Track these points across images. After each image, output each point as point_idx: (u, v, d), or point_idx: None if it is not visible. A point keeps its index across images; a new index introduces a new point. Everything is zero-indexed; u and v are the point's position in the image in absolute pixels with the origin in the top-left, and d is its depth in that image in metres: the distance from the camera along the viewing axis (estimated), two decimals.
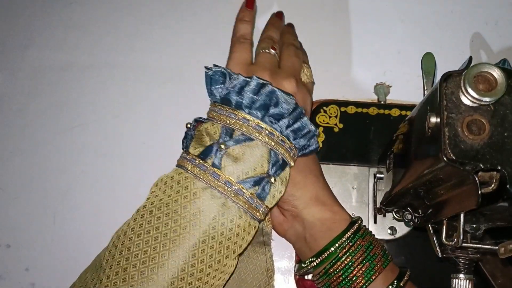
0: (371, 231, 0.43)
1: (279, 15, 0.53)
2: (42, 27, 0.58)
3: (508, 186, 0.28)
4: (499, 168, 0.28)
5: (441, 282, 0.41)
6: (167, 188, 0.37)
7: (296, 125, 0.39)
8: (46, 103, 0.56)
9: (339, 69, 0.57)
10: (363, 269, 0.39)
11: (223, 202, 0.36)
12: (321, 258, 0.40)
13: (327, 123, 0.52)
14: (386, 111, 0.52)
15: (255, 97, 0.38)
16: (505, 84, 0.29)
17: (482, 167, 0.28)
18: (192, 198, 0.36)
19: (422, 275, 0.47)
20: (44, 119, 0.55)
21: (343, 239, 0.40)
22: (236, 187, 0.36)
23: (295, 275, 0.49)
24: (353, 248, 0.40)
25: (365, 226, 0.43)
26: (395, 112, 0.52)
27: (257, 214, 0.37)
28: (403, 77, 0.56)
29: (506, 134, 0.29)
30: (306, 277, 0.48)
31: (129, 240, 0.36)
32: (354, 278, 0.39)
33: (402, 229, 0.49)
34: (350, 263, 0.39)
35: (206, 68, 0.40)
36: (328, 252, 0.40)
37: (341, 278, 0.40)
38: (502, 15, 0.59)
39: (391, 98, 0.54)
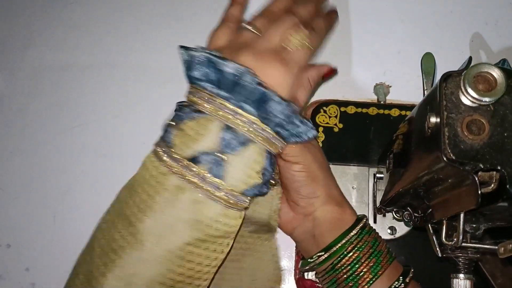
0: (374, 229, 0.43)
1: None
2: (42, 27, 0.59)
3: (507, 186, 0.28)
4: (498, 168, 0.28)
5: (441, 282, 0.41)
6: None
7: (256, 96, 0.35)
8: (46, 103, 0.56)
9: (339, 69, 0.56)
10: (370, 264, 0.40)
11: (179, 184, 0.35)
12: (329, 252, 0.40)
13: (327, 123, 0.52)
14: (386, 111, 0.52)
15: (206, 70, 0.36)
16: (504, 84, 0.29)
17: (482, 167, 0.28)
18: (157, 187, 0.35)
19: (422, 275, 0.47)
20: (44, 119, 0.55)
21: (351, 233, 0.40)
22: (185, 163, 0.35)
23: (295, 275, 0.49)
24: (361, 243, 0.40)
25: (368, 223, 0.43)
26: (395, 112, 0.52)
27: (217, 196, 0.35)
28: (403, 77, 0.56)
29: (506, 134, 0.29)
30: (306, 276, 0.48)
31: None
32: (362, 273, 0.39)
33: (402, 229, 0.49)
34: (357, 258, 0.40)
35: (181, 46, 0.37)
36: (336, 247, 0.40)
37: (348, 273, 0.40)
38: (502, 15, 0.59)
39: (391, 98, 0.54)
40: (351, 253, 0.40)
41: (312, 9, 0.43)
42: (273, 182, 0.41)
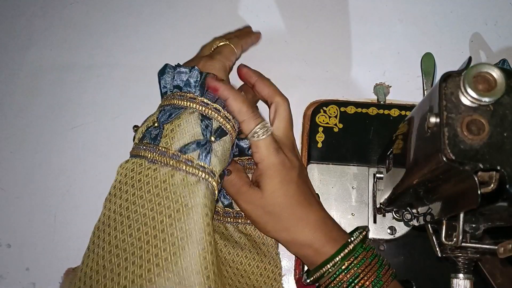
0: (372, 252, 0.42)
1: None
2: (42, 27, 0.59)
3: (507, 186, 0.28)
4: (498, 168, 0.28)
5: (441, 282, 0.41)
6: (120, 178, 0.40)
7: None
8: (46, 103, 0.56)
9: (339, 69, 0.57)
10: None
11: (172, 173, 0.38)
12: (311, 279, 0.42)
13: (327, 123, 0.52)
14: (386, 111, 0.52)
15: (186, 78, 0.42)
16: (504, 84, 0.29)
17: (482, 167, 0.28)
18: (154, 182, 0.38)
19: (422, 275, 0.47)
20: (44, 119, 0.55)
21: (320, 272, 0.41)
22: (179, 155, 0.39)
23: (295, 275, 0.49)
24: (333, 284, 0.41)
25: (369, 246, 0.43)
26: (394, 112, 0.52)
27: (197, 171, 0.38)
28: (403, 77, 0.56)
29: (505, 134, 0.29)
30: None
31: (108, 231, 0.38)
32: None
33: (401, 229, 0.49)
34: None
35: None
36: (314, 277, 0.42)
37: None
38: (501, 15, 0.59)
39: (391, 98, 0.55)
40: None
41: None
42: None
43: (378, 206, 0.48)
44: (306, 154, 0.52)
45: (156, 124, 0.41)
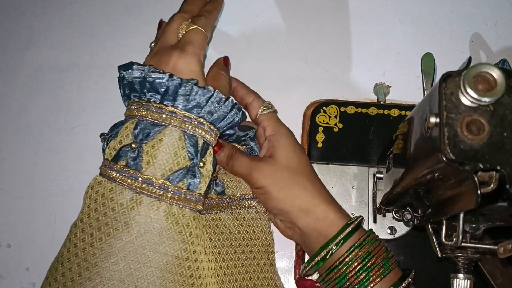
0: (374, 238, 0.43)
1: None
2: (42, 27, 0.59)
3: (507, 186, 0.28)
4: (498, 168, 0.28)
5: (441, 282, 0.41)
6: (91, 202, 0.38)
7: (183, 92, 0.38)
8: (46, 103, 0.56)
9: (339, 69, 0.57)
10: (357, 280, 0.40)
11: (150, 203, 0.37)
12: (312, 264, 0.42)
13: (327, 123, 0.52)
14: (386, 111, 0.52)
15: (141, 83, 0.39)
16: (504, 84, 0.29)
17: (482, 167, 0.28)
18: (120, 209, 0.37)
19: (422, 275, 0.47)
20: (44, 119, 0.55)
21: (332, 244, 0.41)
22: (160, 183, 0.37)
23: (295, 275, 0.49)
24: (348, 259, 0.40)
25: (371, 233, 0.43)
26: (394, 112, 0.52)
27: (192, 203, 0.38)
28: (403, 77, 0.56)
29: (505, 134, 0.29)
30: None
31: (67, 261, 0.37)
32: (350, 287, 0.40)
33: (401, 229, 0.49)
34: (344, 274, 0.40)
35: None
36: (318, 258, 0.41)
37: (336, 287, 0.41)
38: (501, 15, 0.59)
39: (391, 98, 0.55)
40: (337, 268, 0.40)
41: (198, 2, 0.47)
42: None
43: (378, 206, 0.48)
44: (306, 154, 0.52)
45: (134, 145, 0.38)
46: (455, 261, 0.37)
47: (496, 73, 0.29)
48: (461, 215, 0.32)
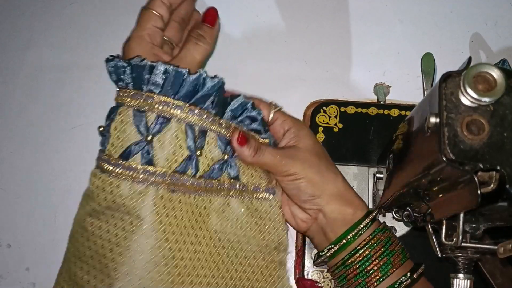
0: (390, 228, 0.44)
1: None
2: (42, 27, 0.59)
3: (507, 186, 0.28)
4: (498, 168, 0.28)
5: (441, 282, 0.41)
6: (101, 201, 0.39)
7: (144, 71, 0.38)
8: (46, 103, 0.56)
9: (339, 69, 0.57)
10: (380, 263, 0.40)
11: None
12: (339, 245, 0.42)
13: (327, 123, 0.52)
14: (386, 111, 0.52)
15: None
16: (504, 84, 0.29)
17: (482, 167, 0.28)
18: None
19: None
20: (44, 119, 0.55)
21: (360, 226, 0.41)
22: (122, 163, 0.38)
23: (295, 275, 0.49)
24: (373, 241, 0.41)
25: (384, 222, 0.44)
26: (394, 112, 0.52)
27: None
28: (403, 77, 0.56)
29: (505, 134, 0.29)
30: (306, 276, 0.48)
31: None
32: (371, 271, 0.40)
33: (401, 229, 0.49)
34: (368, 256, 0.41)
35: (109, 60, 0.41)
36: (345, 239, 0.41)
37: (358, 270, 0.41)
38: (501, 15, 0.59)
39: (391, 98, 0.55)
40: (362, 250, 0.41)
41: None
42: (199, 154, 0.41)
43: (378, 206, 0.48)
44: None
45: (101, 129, 0.39)
46: (455, 261, 0.37)
47: (496, 73, 0.29)
48: (461, 215, 0.32)
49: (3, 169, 0.53)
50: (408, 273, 0.41)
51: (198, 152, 0.40)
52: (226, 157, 0.42)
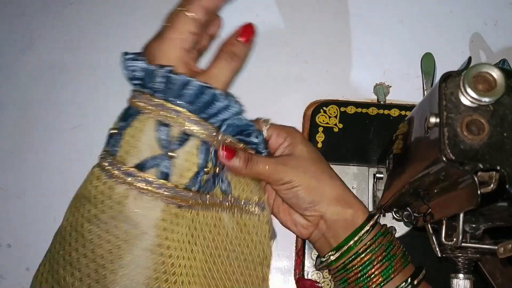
0: (391, 231, 0.44)
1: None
2: (42, 27, 0.59)
3: (507, 186, 0.28)
4: (498, 168, 0.28)
5: (441, 282, 0.41)
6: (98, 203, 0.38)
7: (176, 84, 0.37)
8: (46, 103, 0.56)
9: (339, 69, 0.57)
10: (382, 268, 0.40)
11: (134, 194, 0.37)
12: (340, 251, 0.41)
13: (327, 123, 0.52)
14: (386, 111, 0.52)
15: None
16: (504, 84, 0.29)
17: (482, 167, 0.28)
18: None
19: None
20: (44, 119, 0.55)
21: (362, 232, 0.41)
22: (135, 173, 0.37)
23: (295, 275, 0.49)
24: (374, 246, 0.41)
25: (385, 224, 0.44)
26: (394, 112, 0.52)
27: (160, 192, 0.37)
28: (403, 77, 0.56)
29: (505, 134, 0.29)
30: (306, 276, 0.48)
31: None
32: (372, 276, 0.40)
33: (401, 229, 0.49)
34: (369, 260, 0.40)
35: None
36: (346, 246, 0.41)
37: (359, 274, 0.41)
38: (501, 15, 0.59)
39: (391, 98, 0.55)
40: (363, 255, 0.41)
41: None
42: (207, 170, 0.40)
43: (378, 206, 0.48)
44: None
45: (114, 131, 0.38)
46: (455, 261, 0.37)
47: (496, 73, 0.29)
48: (461, 215, 0.32)
49: (3, 169, 0.53)
50: (409, 278, 0.40)
51: (206, 169, 0.39)
52: (217, 170, 0.41)
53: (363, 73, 0.56)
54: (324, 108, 0.53)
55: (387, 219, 0.49)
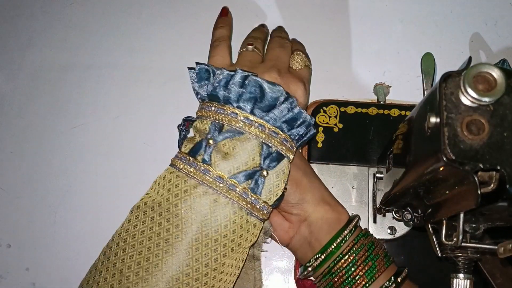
0: (371, 233, 0.44)
1: (260, 26, 0.54)
2: (42, 27, 0.59)
3: (507, 186, 0.28)
4: (498, 168, 0.28)
5: (441, 282, 0.41)
6: (159, 188, 0.37)
7: (289, 115, 0.39)
8: (46, 103, 0.56)
9: (339, 69, 0.57)
10: (365, 268, 0.40)
11: (215, 198, 0.36)
12: (326, 253, 0.41)
13: (327, 123, 0.52)
14: (386, 111, 0.52)
15: (241, 90, 0.37)
16: (504, 84, 0.29)
17: (482, 167, 0.28)
18: (183, 196, 0.36)
19: (422, 275, 0.47)
20: (44, 119, 0.55)
21: (346, 231, 0.41)
22: (228, 182, 0.36)
23: (295, 275, 0.49)
24: (356, 246, 0.41)
25: (366, 228, 0.44)
26: (394, 112, 0.52)
27: (255, 210, 0.37)
28: (403, 77, 0.56)
29: (505, 134, 0.29)
30: None
31: (123, 242, 0.36)
32: (357, 277, 0.40)
33: (401, 229, 0.49)
34: (353, 261, 0.40)
35: (190, 68, 0.40)
36: (332, 247, 0.41)
37: (344, 277, 0.40)
38: (501, 15, 0.59)
39: (391, 98, 0.55)
40: (346, 256, 0.40)
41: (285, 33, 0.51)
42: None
43: (378, 206, 0.48)
44: (306, 154, 0.52)
45: (211, 142, 0.37)
46: (455, 261, 0.37)
47: (496, 73, 0.29)
48: (461, 215, 0.32)
49: (3, 169, 0.53)
50: (392, 277, 0.41)
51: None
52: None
53: (363, 73, 0.56)
54: (324, 108, 0.53)
55: (387, 219, 0.49)
